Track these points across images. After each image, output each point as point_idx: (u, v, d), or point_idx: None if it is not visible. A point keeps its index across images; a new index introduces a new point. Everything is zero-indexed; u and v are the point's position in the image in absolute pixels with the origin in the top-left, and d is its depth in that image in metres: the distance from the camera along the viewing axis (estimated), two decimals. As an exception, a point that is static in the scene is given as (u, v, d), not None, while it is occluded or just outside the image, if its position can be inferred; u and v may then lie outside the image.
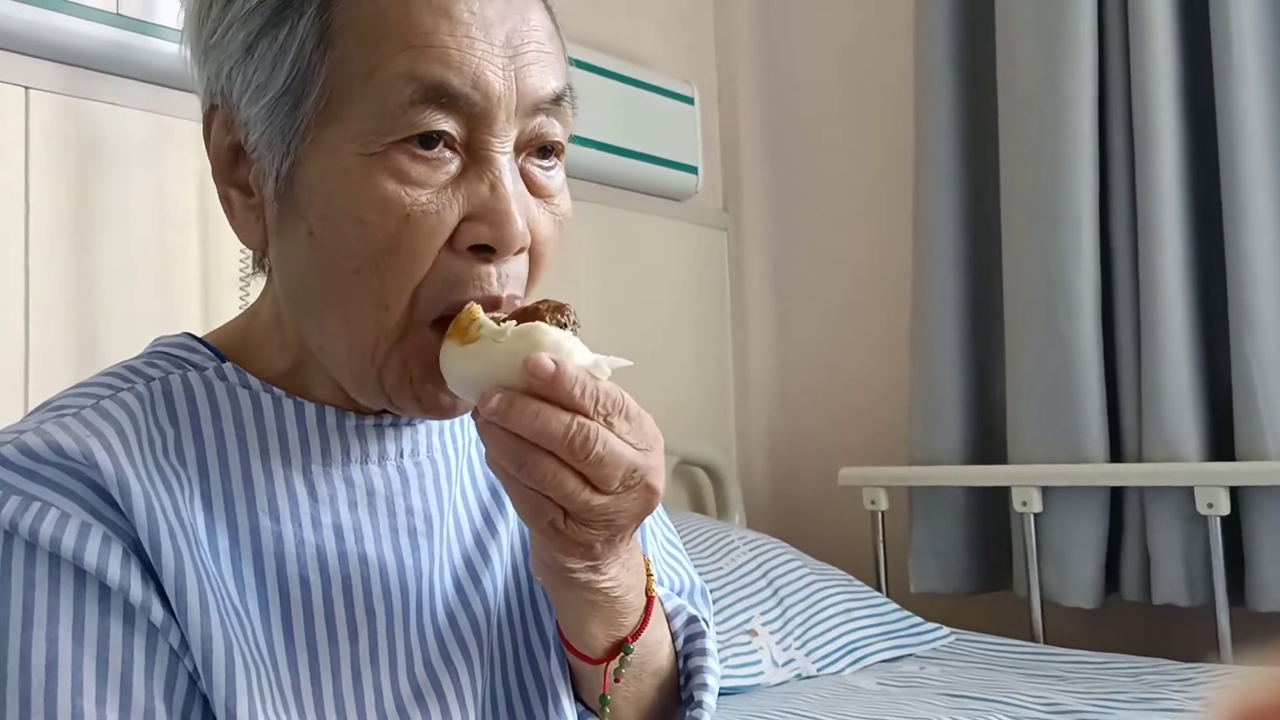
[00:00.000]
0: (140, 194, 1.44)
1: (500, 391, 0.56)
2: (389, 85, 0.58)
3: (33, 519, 0.55)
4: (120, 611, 0.56)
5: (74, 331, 1.37)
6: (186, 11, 0.66)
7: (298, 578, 0.62)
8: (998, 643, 1.77)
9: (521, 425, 0.55)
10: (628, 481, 0.57)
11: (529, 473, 0.56)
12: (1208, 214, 1.79)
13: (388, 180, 0.59)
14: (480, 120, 0.60)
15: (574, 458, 0.56)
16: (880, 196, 2.28)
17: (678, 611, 0.76)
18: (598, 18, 2.13)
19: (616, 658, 0.66)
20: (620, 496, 0.58)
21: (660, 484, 0.60)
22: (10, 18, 1.30)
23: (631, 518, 0.59)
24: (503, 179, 0.61)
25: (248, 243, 0.66)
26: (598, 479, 0.57)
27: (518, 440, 0.56)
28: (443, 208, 0.60)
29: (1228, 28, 1.72)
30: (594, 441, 0.55)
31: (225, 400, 0.64)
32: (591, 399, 0.56)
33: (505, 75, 0.61)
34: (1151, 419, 1.76)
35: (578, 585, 0.62)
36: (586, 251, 2.04)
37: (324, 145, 0.60)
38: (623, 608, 0.65)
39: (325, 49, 0.59)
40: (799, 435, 2.40)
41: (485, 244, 0.61)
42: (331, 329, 0.62)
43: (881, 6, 2.30)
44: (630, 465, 0.57)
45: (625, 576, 0.64)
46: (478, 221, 0.60)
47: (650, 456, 0.59)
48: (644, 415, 0.59)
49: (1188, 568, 1.73)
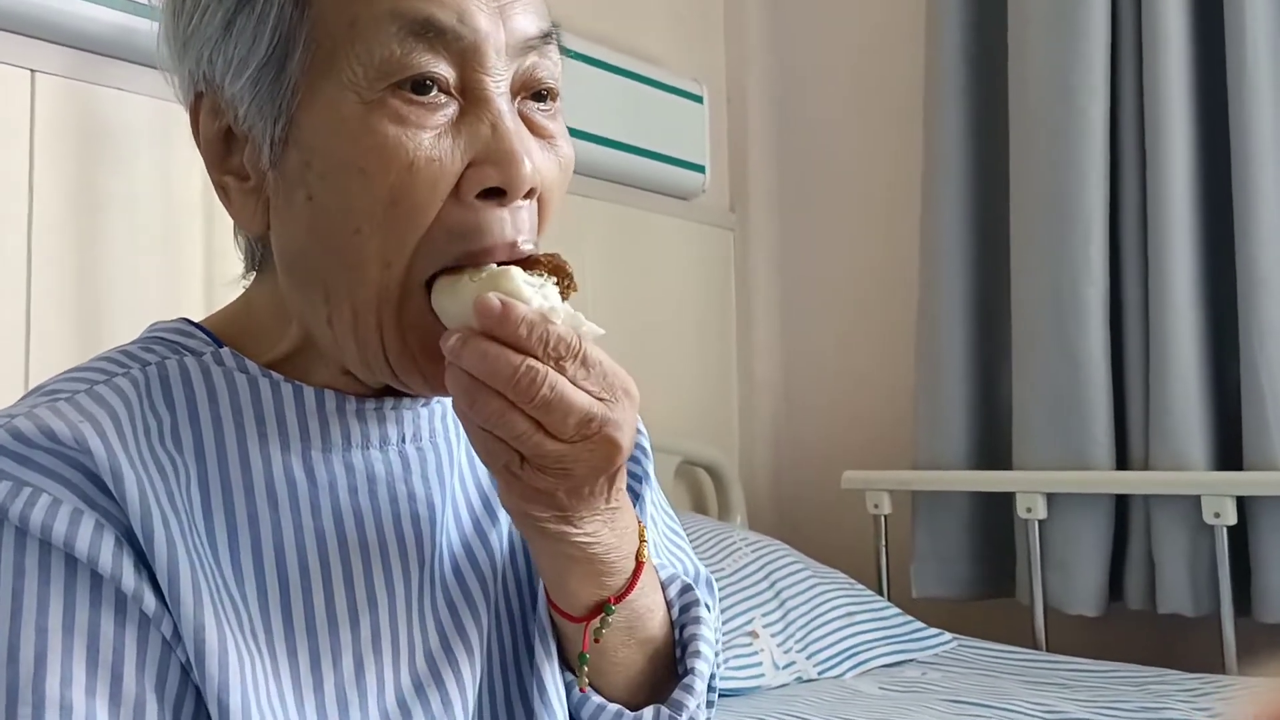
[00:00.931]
0: (145, 180, 1.43)
1: (460, 330, 0.56)
2: (374, 28, 0.58)
3: (23, 505, 0.54)
4: (112, 601, 0.55)
5: (76, 318, 1.36)
6: (162, 12, 0.65)
7: (297, 565, 0.61)
8: (1000, 649, 1.76)
9: (471, 364, 0.55)
10: (584, 431, 0.57)
11: (479, 410, 0.56)
12: (1218, 223, 1.78)
13: (387, 125, 0.58)
14: (471, 58, 0.59)
15: (521, 399, 0.55)
16: (888, 200, 2.27)
17: (672, 580, 0.74)
18: (608, 14, 2.12)
19: (598, 617, 0.65)
20: (577, 446, 0.57)
21: (624, 439, 0.58)
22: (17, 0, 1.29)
23: (590, 469, 0.58)
24: (503, 118, 0.60)
25: (248, 228, 0.64)
26: (549, 424, 0.56)
27: (470, 378, 0.56)
28: (444, 154, 0.59)
29: (1242, 36, 1.70)
30: (540, 384, 0.55)
31: (222, 385, 0.63)
32: (540, 341, 0.56)
33: (491, 14, 0.60)
34: (1158, 427, 1.75)
35: (550, 536, 0.61)
36: (592, 248, 2.03)
37: (317, 100, 0.59)
38: (605, 567, 0.64)
39: (304, 7, 0.59)
40: (802, 437, 2.39)
41: (495, 186, 0.59)
42: (334, 297, 0.61)
43: (892, 8, 2.29)
44: (584, 413, 0.56)
45: (607, 535, 0.63)
46: (484, 164, 0.59)
47: (614, 409, 0.58)
48: (609, 365, 0.58)
49: (1193, 577, 1.72)
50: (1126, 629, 1.87)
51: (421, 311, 0.60)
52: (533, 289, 0.58)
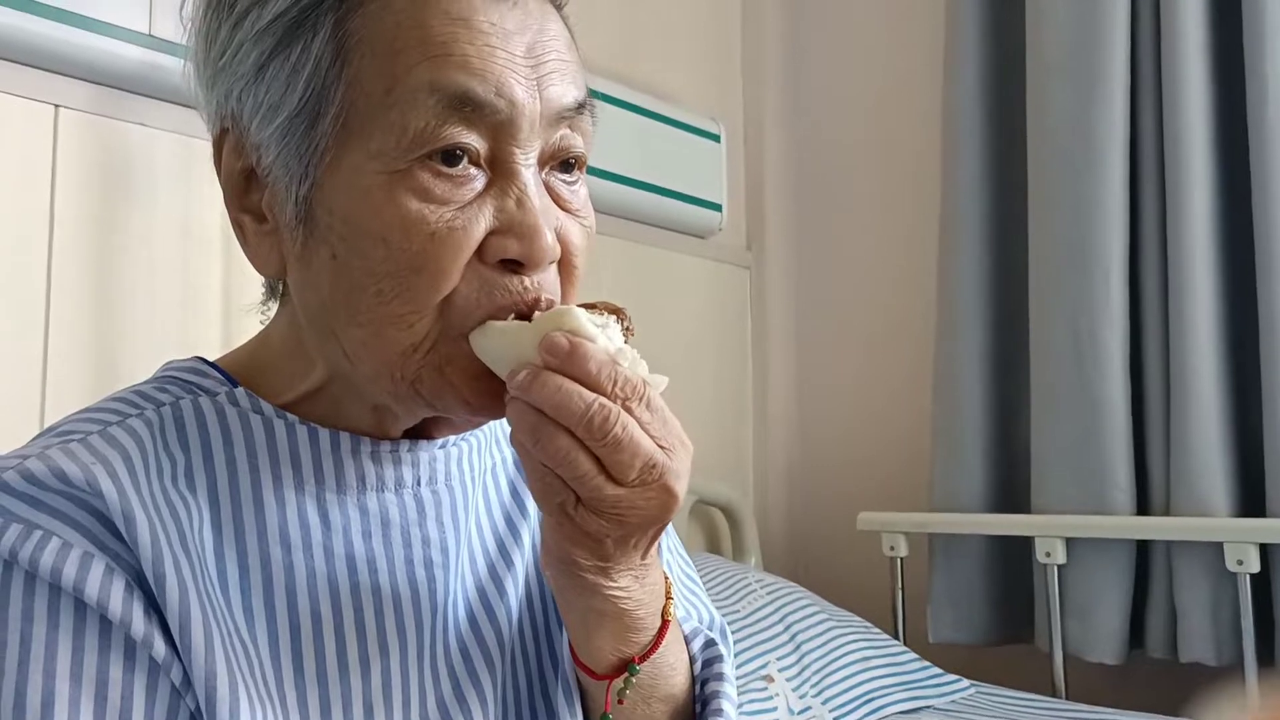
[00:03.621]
0: (165, 215, 1.43)
1: (527, 367, 0.56)
2: (410, 99, 0.57)
3: (33, 548, 0.54)
4: (121, 647, 0.54)
5: (93, 351, 1.36)
6: (193, 30, 0.64)
7: (309, 610, 0.60)
8: (1019, 697, 1.73)
9: (543, 398, 0.55)
10: (645, 476, 0.56)
11: (543, 448, 0.55)
12: (1239, 265, 1.76)
13: (411, 199, 0.57)
14: (504, 131, 0.59)
15: (591, 437, 0.54)
16: (904, 239, 2.27)
17: (695, 634, 0.73)
18: (626, 53, 2.13)
19: (621, 676, 0.64)
20: (635, 490, 0.56)
21: (680, 489, 0.58)
22: (42, 35, 1.30)
23: (643, 518, 0.57)
24: (529, 192, 0.59)
25: (262, 270, 0.64)
26: (613, 465, 0.55)
27: (537, 414, 0.55)
28: (469, 222, 0.58)
29: (1263, 76, 1.70)
30: (613, 423, 0.54)
31: (237, 425, 0.62)
32: (610, 380, 0.55)
33: (528, 85, 0.59)
34: (1180, 472, 1.73)
35: (585, 587, 0.60)
36: (609, 286, 2.02)
37: (344, 165, 0.58)
38: (633, 623, 0.63)
39: (341, 65, 0.58)
40: (818, 478, 2.37)
41: (514, 258, 0.59)
42: (358, 350, 0.60)
43: (909, 49, 2.29)
44: (649, 458, 0.56)
45: (639, 591, 0.62)
46: (505, 236, 0.59)
47: (673, 458, 0.57)
48: (670, 415, 0.58)
49: (1216, 626, 1.69)
50: (1147, 678, 1.84)
51: (457, 352, 0.59)
52: (597, 328, 0.58)
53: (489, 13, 0.58)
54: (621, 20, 2.14)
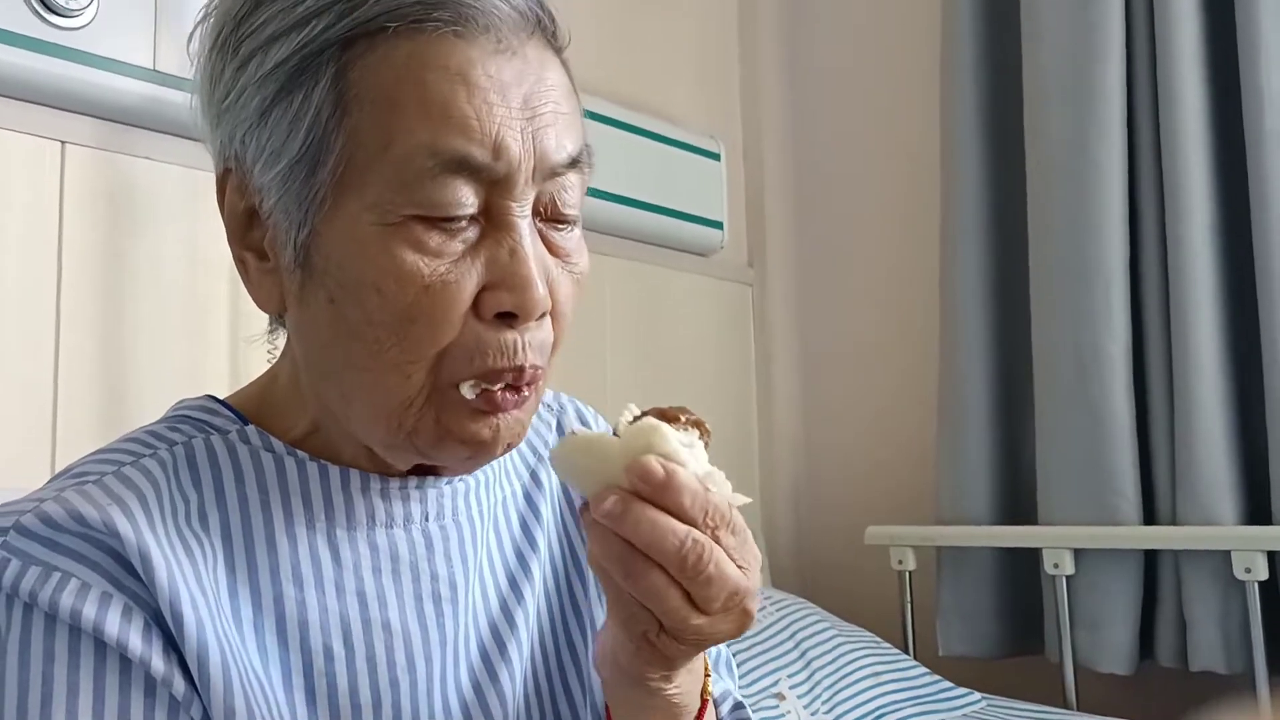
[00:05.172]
0: (173, 249, 1.44)
1: (616, 492, 0.54)
2: (408, 157, 0.57)
3: (53, 590, 0.54)
4: (141, 685, 0.55)
5: (103, 382, 1.37)
6: (198, 70, 0.65)
7: (321, 647, 0.61)
8: (1029, 709, 1.73)
9: (637, 534, 0.53)
10: (728, 604, 0.55)
11: (635, 583, 0.54)
12: (1239, 274, 1.77)
13: (405, 251, 0.58)
14: (500, 186, 0.59)
15: (684, 574, 0.54)
16: (906, 254, 2.27)
17: (725, 697, 0.74)
18: (625, 73, 2.14)
19: None
20: (718, 618, 0.56)
21: (755, 609, 0.57)
22: (48, 73, 1.32)
23: (721, 639, 0.57)
24: (522, 244, 0.60)
25: (263, 307, 0.65)
26: (701, 598, 0.55)
27: (626, 546, 0.54)
28: (462, 276, 0.59)
29: (1259, 89, 1.70)
30: (707, 560, 0.54)
31: (249, 464, 0.63)
32: (701, 511, 0.54)
33: (523, 137, 0.59)
34: (1186, 481, 1.73)
35: (646, 691, 0.60)
36: (611, 306, 2.03)
37: (341, 214, 0.59)
38: (679, 710, 0.63)
39: (341, 116, 0.58)
40: (824, 493, 2.37)
41: (508, 311, 0.60)
42: (353, 395, 0.61)
43: (908, 66, 2.30)
44: (734, 587, 0.55)
45: (687, 681, 0.62)
46: (498, 289, 0.59)
47: (750, 576, 0.57)
48: (748, 532, 0.57)
49: (1225, 634, 1.69)
50: (1158, 687, 1.84)
51: (455, 402, 0.60)
52: (686, 449, 0.56)
53: (487, 65, 0.59)
54: (621, 41, 2.15)
